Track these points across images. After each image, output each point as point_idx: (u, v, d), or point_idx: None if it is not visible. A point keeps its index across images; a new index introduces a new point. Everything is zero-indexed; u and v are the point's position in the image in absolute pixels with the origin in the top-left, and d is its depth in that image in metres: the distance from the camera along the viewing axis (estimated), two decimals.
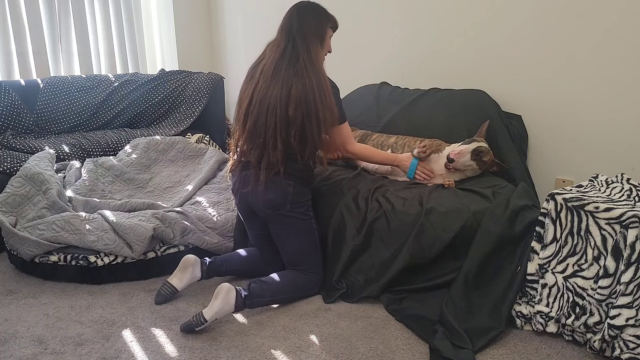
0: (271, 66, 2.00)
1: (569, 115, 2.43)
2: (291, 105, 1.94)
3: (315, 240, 2.13)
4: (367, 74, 3.20)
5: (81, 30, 3.75)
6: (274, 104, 1.96)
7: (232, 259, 2.24)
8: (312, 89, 1.95)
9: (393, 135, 2.53)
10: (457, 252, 1.97)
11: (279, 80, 1.97)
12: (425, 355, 1.75)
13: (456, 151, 2.22)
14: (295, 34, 2.00)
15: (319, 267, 2.14)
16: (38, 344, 1.81)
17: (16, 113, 3.16)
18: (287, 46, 2.00)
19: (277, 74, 1.98)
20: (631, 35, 2.19)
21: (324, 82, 2.01)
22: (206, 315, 1.82)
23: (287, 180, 2.01)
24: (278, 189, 2.02)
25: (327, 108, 1.99)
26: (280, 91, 1.96)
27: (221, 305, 1.84)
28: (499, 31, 2.61)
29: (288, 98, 1.95)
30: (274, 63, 2.00)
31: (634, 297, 1.59)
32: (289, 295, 2.06)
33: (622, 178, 1.95)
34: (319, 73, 2.00)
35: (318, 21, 2.06)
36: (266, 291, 1.97)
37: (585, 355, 1.74)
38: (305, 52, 1.99)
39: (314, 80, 1.96)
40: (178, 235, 2.32)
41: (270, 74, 1.99)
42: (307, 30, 2.02)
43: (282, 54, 2.00)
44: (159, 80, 3.68)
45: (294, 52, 1.99)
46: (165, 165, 3.00)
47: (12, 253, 2.33)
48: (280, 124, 1.96)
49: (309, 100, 1.95)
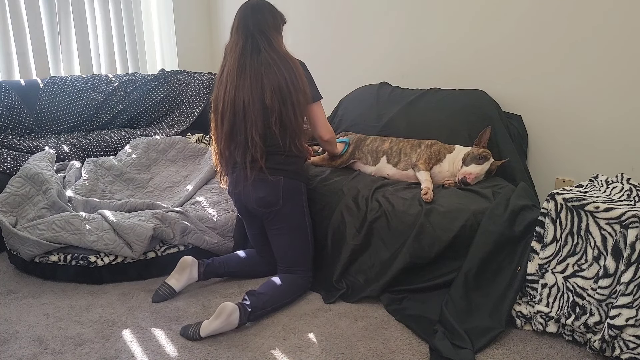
0: (234, 65, 2.00)
1: (569, 115, 2.43)
2: (267, 94, 1.96)
3: (308, 238, 2.14)
4: (367, 74, 3.20)
5: (81, 30, 3.75)
6: (248, 99, 1.97)
7: (231, 261, 2.24)
8: (283, 74, 1.97)
9: (387, 139, 2.52)
10: (457, 252, 1.97)
11: (246, 76, 1.98)
12: (425, 355, 1.75)
13: (473, 175, 2.22)
14: (252, 29, 2.01)
15: (310, 266, 2.16)
16: (38, 344, 1.81)
17: (16, 113, 3.16)
18: (247, 42, 2.01)
19: (242, 71, 1.99)
20: (631, 36, 2.18)
21: (293, 65, 2.01)
22: (202, 333, 1.82)
23: (275, 176, 2.02)
24: (268, 186, 2.03)
25: (300, 90, 2.01)
26: (250, 85, 1.97)
27: (221, 326, 1.82)
28: (499, 31, 2.61)
29: (262, 88, 1.96)
30: (236, 62, 2.00)
31: (634, 297, 1.59)
32: (287, 299, 2.07)
33: (622, 178, 1.95)
34: (285, 58, 2.00)
35: (273, 16, 2.07)
36: (267, 302, 1.97)
37: (585, 355, 1.74)
38: (267, 43, 2.00)
39: (281, 66, 1.97)
40: (178, 235, 2.32)
41: (236, 73, 2.00)
42: (263, 25, 2.02)
43: (243, 51, 2.00)
44: (159, 80, 3.69)
45: (254, 46, 2.00)
46: (165, 165, 3.00)
47: (12, 253, 2.33)
48: (256, 117, 1.97)
49: (282, 86, 1.96)
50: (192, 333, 1.83)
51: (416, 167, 2.31)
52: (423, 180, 2.22)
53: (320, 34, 3.50)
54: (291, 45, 2.12)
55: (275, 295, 2.01)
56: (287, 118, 1.99)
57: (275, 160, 2.03)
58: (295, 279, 2.10)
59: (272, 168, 2.02)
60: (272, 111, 1.97)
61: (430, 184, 2.19)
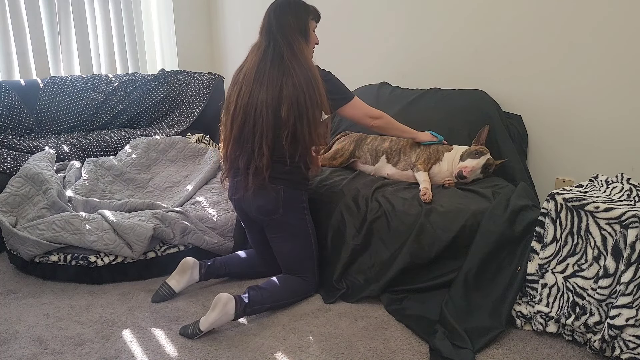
0: (253, 69, 1.96)
1: (569, 115, 2.43)
2: (284, 106, 1.90)
3: (311, 245, 2.10)
4: (367, 73, 3.20)
5: (81, 30, 3.76)
6: (261, 107, 1.91)
7: (232, 262, 2.23)
8: (302, 88, 1.90)
9: (387, 138, 2.52)
10: (457, 252, 1.97)
11: (263, 83, 1.92)
12: (425, 355, 1.75)
13: (468, 168, 2.22)
14: (276, 33, 1.95)
15: (315, 272, 2.13)
16: (38, 344, 1.81)
17: (16, 113, 3.16)
18: (269, 47, 1.96)
19: (260, 77, 1.93)
20: (631, 35, 2.18)
21: (313, 77, 1.94)
22: (202, 327, 1.82)
23: (276, 184, 1.98)
24: (269, 194, 1.99)
25: (317, 106, 1.94)
26: (266, 94, 1.91)
27: (218, 316, 1.82)
28: (499, 31, 2.61)
29: (279, 99, 1.90)
30: (255, 66, 1.96)
31: (634, 297, 1.59)
32: (288, 300, 2.06)
33: (622, 178, 1.95)
34: (306, 69, 1.93)
35: (297, 16, 1.99)
36: (266, 298, 1.95)
37: (585, 355, 1.74)
38: (289, 49, 1.94)
39: (302, 78, 1.91)
40: (178, 235, 2.32)
41: (253, 78, 1.95)
42: (286, 28, 1.96)
43: (264, 55, 1.96)
44: (159, 80, 3.68)
45: (275, 52, 1.94)
46: (165, 165, 3.00)
47: (12, 253, 2.33)
48: (266, 128, 1.91)
49: (300, 101, 1.90)
50: (193, 329, 1.83)
51: (415, 168, 2.31)
52: (421, 180, 2.22)
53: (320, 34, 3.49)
54: None
55: (275, 293, 2.00)
56: (300, 134, 1.93)
57: (279, 170, 1.98)
58: (299, 281, 2.09)
59: (274, 177, 1.97)
60: (286, 125, 1.91)
61: (428, 185, 2.19)
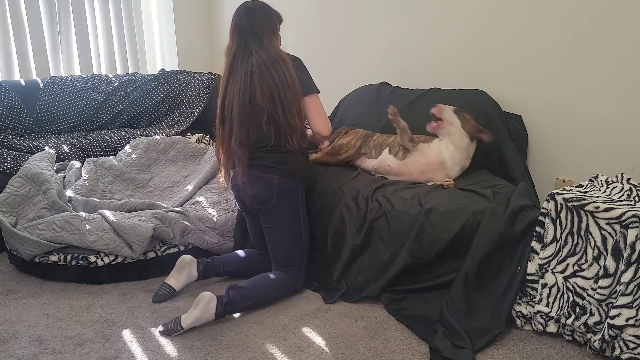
0: (227, 70, 2.06)
1: (569, 115, 2.43)
2: (257, 92, 1.98)
3: (301, 239, 2.12)
4: (367, 73, 3.20)
5: (81, 30, 3.75)
6: (237, 99, 2.00)
7: (230, 260, 2.24)
8: (270, 73, 1.97)
9: (392, 135, 2.52)
10: (457, 252, 1.97)
11: (236, 80, 2.02)
12: (425, 355, 1.75)
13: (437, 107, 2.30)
14: (247, 34, 2.03)
15: (302, 267, 2.13)
16: (38, 344, 1.81)
17: (16, 113, 3.16)
18: (240, 46, 2.04)
19: (233, 75, 2.03)
20: (631, 36, 2.19)
21: (280, 57, 2.01)
22: (183, 324, 1.84)
23: (270, 174, 2.04)
24: (262, 183, 2.04)
25: (288, 87, 1.99)
26: (239, 88, 2.00)
27: (200, 314, 1.85)
28: (499, 31, 2.61)
29: (252, 88, 1.98)
30: (228, 66, 2.05)
31: (634, 297, 1.59)
32: (271, 295, 2.06)
33: (622, 178, 1.95)
34: (274, 57, 2.00)
35: (268, 18, 2.07)
36: (246, 296, 1.97)
37: (585, 355, 1.74)
38: (258, 45, 2.01)
39: (269, 64, 1.98)
40: (178, 235, 2.32)
41: (227, 77, 2.05)
42: (258, 27, 2.03)
43: (234, 55, 2.04)
44: (159, 80, 3.68)
45: (246, 50, 2.02)
46: (165, 165, 3.00)
47: (12, 253, 2.33)
48: (241, 120, 2.00)
49: (270, 84, 1.97)
50: (173, 326, 1.84)
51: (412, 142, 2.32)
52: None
53: (320, 34, 3.50)
54: (292, 46, 2.12)
55: (255, 289, 2.01)
56: (276, 115, 2.00)
57: (272, 159, 2.04)
58: (284, 276, 2.09)
59: (267, 166, 2.04)
60: (263, 110, 1.99)
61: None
